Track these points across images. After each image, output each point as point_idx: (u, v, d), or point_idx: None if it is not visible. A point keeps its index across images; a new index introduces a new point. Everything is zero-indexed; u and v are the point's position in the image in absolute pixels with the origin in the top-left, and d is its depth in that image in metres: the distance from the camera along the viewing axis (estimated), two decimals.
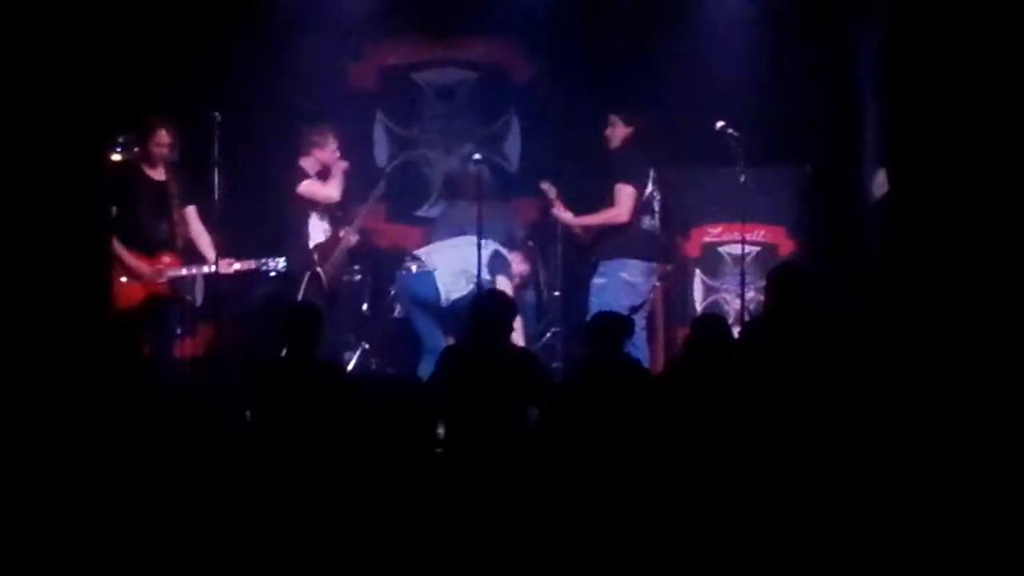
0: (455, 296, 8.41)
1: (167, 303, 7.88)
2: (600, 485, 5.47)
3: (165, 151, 7.83)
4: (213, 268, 7.81)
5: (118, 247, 7.62)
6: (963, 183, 7.16)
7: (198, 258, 7.95)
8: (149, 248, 7.81)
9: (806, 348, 5.93)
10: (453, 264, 8.44)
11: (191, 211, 7.96)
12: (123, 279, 7.65)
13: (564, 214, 8.23)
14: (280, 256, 7.96)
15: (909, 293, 7.35)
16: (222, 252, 7.77)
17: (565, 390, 6.51)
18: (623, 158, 7.99)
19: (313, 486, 5.56)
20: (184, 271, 7.90)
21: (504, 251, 8.60)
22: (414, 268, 8.57)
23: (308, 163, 8.30)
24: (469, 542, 5.18)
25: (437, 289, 8.44)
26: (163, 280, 7.79)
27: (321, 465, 5.74)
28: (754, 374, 5.90)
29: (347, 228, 8.48)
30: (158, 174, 7.87)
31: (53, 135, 7.08)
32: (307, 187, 8.25)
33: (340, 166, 8.33)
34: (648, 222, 8.00)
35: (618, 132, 8.00)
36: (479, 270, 7.97)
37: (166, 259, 7.83)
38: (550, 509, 5.33)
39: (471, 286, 8.23)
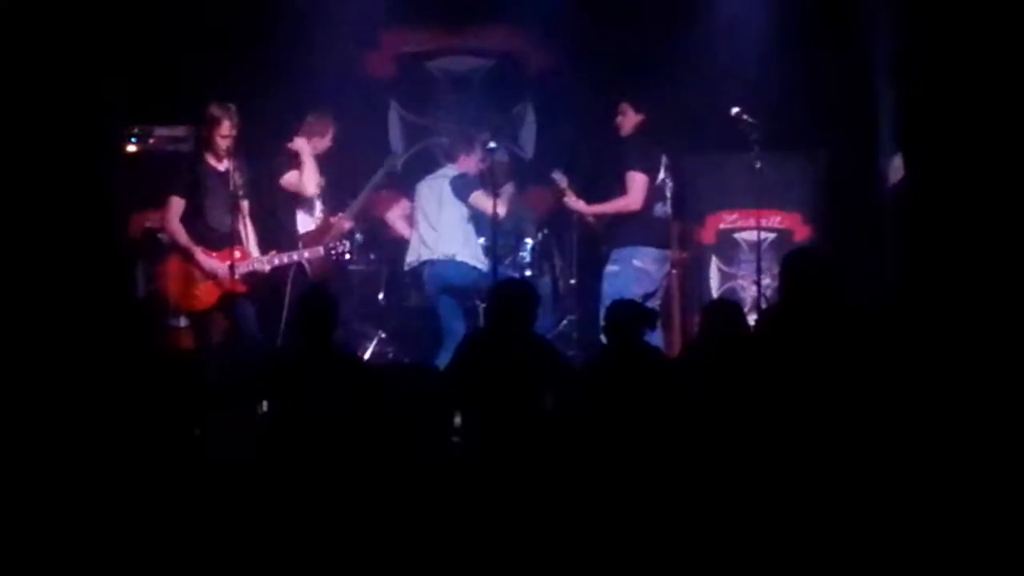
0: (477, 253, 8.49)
1: (242, 299, 7.57)
2: (617, 473, 5.48)
3: (229, 141, 7.56)
4: (284, 259, 7.68)
5: (190, 244, 7.49)
6: (979, 168, 7.15)
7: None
8: (219, 243, 7.56)
9: (825, 334, 5.92)
10: (448, 242, 8.44)
11: (245, 204, 7.71)
12: (197, 281, 7.50)
13: (576, 203, 8.20)
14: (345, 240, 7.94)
15: (927, 278, 7.34)
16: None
17: (584, 378, 6.51)
18: (634, 146, 7.97)
19: (330, 476, 5.57)
20: (256, 265, 7.63)
21: (455, 170, 8.64)
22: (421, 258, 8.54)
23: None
24: (486, 530, 5.19)
25: (472, 268, 8.44)
26: (237, 276, 7.48)
27: (338, 454, 5.76)
28: (773, 362, 5.89)
29: (341, 214, 8.30)
30: (223, 165, 7.60)
31: (64, 127, 7.13)
32: (287, 179, 8.04)
33: (307, 153, 8.03)
34: (660, 209, 7.98)
35: (629, 120, 7.99)
36: (494, 243, 8.00)
37: (236, 253, 7.53)
38: (567, 497, 5.34)
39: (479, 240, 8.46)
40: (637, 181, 7.85)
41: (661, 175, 7.99)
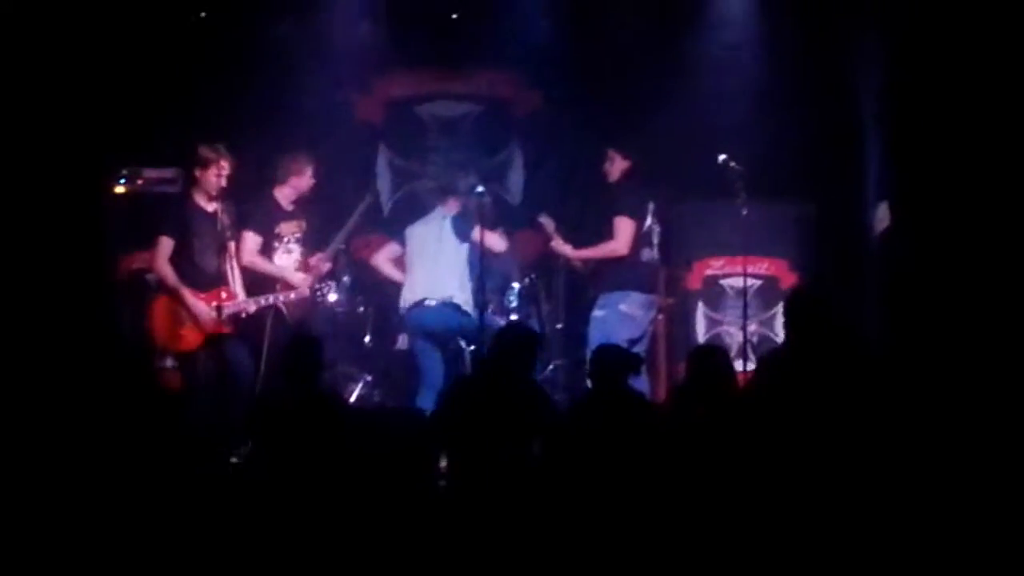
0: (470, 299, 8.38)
1: (233, 340, 7.59)
2: (600, 518, 5.47)
3: (222, 181, 7.60)
4: (269, 300, 7.67)
5: (178, 284, 7.48)
6: (965, 217, 7.19)
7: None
8: (207, 284, 7.58)
9: (831, 379, 5.90)
10: (445, 284, 8.38)
11: (232, 245, 7.72)
12: (184, 321, 7.49)
13: (563, 247, 8.23)
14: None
15: (913, 326, 7.36)
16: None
17: (568, 421, 6.51)
18: (622, 191, 8.01)
19: (315, 519, 5.56)
20: (243, 306, 7.62)
21: (451, 211, 8.59)
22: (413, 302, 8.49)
23: (284, 193, 8.11)
24: (471, 574, 5.18)
25: (464, 313, 8.37)
26: (222, 318, 7.53)
27: (322, 497, 5.74)
28: (776, 406, 5.88)
29: (319, 255, 8.21)
30: (211, 206, 7.64)
31: (53, 169, 7.14)
32: (254, 261, 7.95)
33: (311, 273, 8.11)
34: (647, 254, 8.01)
35: (616, 166, 8.03)
36: (482, 286, 8.01)
37: (223, 294, 7.58)
38: (552, 542, 5.33)
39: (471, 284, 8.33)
40: (624, 226, 7.88)
41: (648, 221, 8.01)
